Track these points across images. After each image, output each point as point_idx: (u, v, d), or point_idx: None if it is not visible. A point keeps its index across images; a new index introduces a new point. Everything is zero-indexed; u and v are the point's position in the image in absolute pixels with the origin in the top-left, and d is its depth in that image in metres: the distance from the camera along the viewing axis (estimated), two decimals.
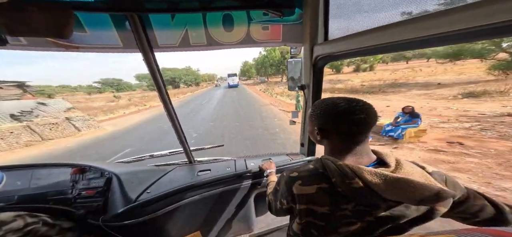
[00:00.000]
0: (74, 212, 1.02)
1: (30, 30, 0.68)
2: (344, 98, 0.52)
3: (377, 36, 0.62)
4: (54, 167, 1.18)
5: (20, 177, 1.10)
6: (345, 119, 0.49)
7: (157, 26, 0.88)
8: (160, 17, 0.86)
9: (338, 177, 0.46)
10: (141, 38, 0.85)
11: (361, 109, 0.48)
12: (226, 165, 1.34)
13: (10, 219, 0.80)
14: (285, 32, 1.02)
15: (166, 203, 1.10)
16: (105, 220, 1.01)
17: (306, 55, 1.02)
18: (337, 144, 0.53)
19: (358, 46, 0.70)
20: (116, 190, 1.08)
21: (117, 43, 0.87)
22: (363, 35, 0.67)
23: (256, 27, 0.98)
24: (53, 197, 1.04)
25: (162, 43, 0.92)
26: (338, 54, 0.82)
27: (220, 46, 0.99)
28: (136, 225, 1.04)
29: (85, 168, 1.16)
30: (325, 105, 0.53)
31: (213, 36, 0.95)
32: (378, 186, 0.42)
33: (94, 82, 57.43)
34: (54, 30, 0.69)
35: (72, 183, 1.10)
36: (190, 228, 1.24)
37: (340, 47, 0.80)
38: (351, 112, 0.48)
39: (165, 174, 1.27)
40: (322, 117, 0.53)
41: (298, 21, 1.00)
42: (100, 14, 0.79)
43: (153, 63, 0.94)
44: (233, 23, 0.94)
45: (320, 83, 1.07)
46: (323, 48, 0.90)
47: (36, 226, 0.86)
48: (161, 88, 1.03)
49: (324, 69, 1.06)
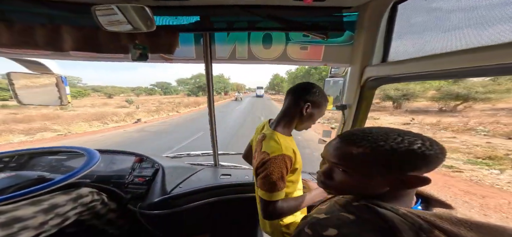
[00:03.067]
0: (123, 196, 1.15)
1: (156, 48, 0.90)
2: (375, 128, 0.42)
3: (448, 60, 0.60)
4: (125, 154, 1.39)
5: (104, 159, 1.30)
6: (411, 164, 0.38)
7: (217, 41, 1.04)
8: (220, 34, 1.03)
9: (409, 232, 0.33)
10: (207, 52, 1.03)
11: (427, 145, 0.37)
12: (245, 173, 1.38)
13: (85, 194, 0.96)
14: (328, 53, 1.07)
15: (190, 200, 1.18)
16: (141, 207, 1.12)
17: (354, 76, 1.03)
18: (396, 192, 0.40)
19: (426, 69, 0.67)
20: (158, 181, 1.20)
21: (193, 56, 1.08)
22: (431, 59, 0.66)
23: (294, 47, 1.05)
24: (114, 180, 1.21)
25: (218, 56, 1.07)
26: (398, 77, 0.81)
27: (258, 61, 1.09)
28: (163, 216, 1.13)
29: (143, 158, 1.33)
30: (378, 140, 0.40)
31: (254, 52, 1.07)
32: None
33: (151, 84, 62.67)
34: (166, 48, 0.92)
35: (131, 170, 1.27)
36: (200, 228, 1.30)
37: (402, 69, 0.78)
38: (422, 158, 0.37)
39: (194, 173, 1.38)
40: (389, 160, 0.40)
41: (346, 43, 1.03)
42: (188, 33, 1.00)
43: (210, 72, 1.10)
44: (272, 41, 1.04)
45: (368, 105, 1.06)
46: (378, 70, 0.91)
47: (96, 203, 1.01)
48: (211, 94, 1.19)
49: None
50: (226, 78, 69.20)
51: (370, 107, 1.08)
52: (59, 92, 1.17)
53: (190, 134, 7.63)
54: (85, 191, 0.97)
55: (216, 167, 1.51)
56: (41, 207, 0.78)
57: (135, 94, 50.25)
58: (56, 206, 0.82)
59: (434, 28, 0.71)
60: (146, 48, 0.88)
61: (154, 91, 57.90)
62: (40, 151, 1.19)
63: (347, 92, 1.12)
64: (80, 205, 0.92)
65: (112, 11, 0.69)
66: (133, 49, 0.86)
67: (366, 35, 0.94)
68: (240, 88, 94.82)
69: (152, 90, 58.51)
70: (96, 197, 1.01)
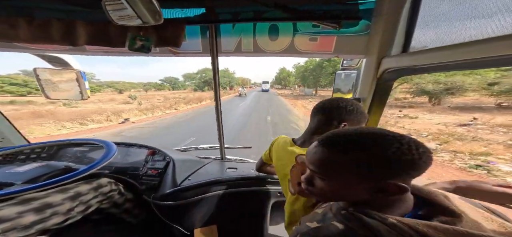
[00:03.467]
0: (138, 187, 1.22)
1: (164, 41, 0.91)
2: (395, 134, 0.37)
3: (481, 48, 0.53)
4: (139, 147, 1.46)
5: (121, 152, 1.38)
6: (402, 171, 0.35)
7: (223, 34, 1.03)
8: (225, 26, 1.01)
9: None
10: (213, 44, 1.02)
11: (416, 150, 0.34)
12: (251, 167, 1.39)
13: (105, 183, 1.03)
14: (340, 44, 1.00)
15: (198, 192, 1.21)
16: (154, 198, 1.17)
17: (369, 68, 0.97)
18: (392, 200, 0.38)
19: (455, 58, 0.59)
20: (169, 173, 1.25)
21: (199, 49, 1.07)
22: (461, 47, 0.58)
23: (302, 38, 1.00)
24: (130, 171, 1.27)
25: (224, 49, 1.06)
26: (422, 68, 0.74)
27: (264, 54, 1.06)
28: (174, 207, 1.17)
29: (155, 151, 1.39)
30: (372, 147, 0.36)
31: (259, 44, 1.04)
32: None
33: (160, 80, 61.92)
34: (172, 40, 0.92)
35: (144, 162, 1.33)
36: (209, 220, 1.32)
37: (427, 59, 0.70)
38: (411, 166, 0.34)
39: (202, 166, 1.41)
40: (377, 167, 0.37)
41: (361, 33, 0.96)
42: (195, 26, 0.99)
43: (216, 66, 1.09)
44: (278, 33, 1.00)
45: (384, 98, 1.00)
46: (398, 61, 0.84)
47: (114, 193, 1.08)
48: (217, 88, 1.19)
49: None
50: (231, 72, 67.59)
51: (386, 101, 1.01)
52: (80, 86, 1.24)
53: (175, 141, 6.21)
54: (104, 181, 1.03)
55: (223, 161, 1.53)
56: (67, 195, 0.85)
57: (144, 90, 50.59)
58: (80, 194, 0.90)
59: (464, 13, 0.64)
60: (150, 40, 0.88)
61: (163, 86, 57.80)
62: (66, 143, 1.29)
63: (361, 85, 1.05)
64: (101, 194, 0.99)
65: (121, 5, 0.71)
66: (131, 39, 0.85)
67: (385, 23, 0.87)
68: (246, 83, 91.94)
69: (161, 85, 58.43)
70: (113, 187, 1.07)
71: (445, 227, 0.31)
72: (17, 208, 0.72)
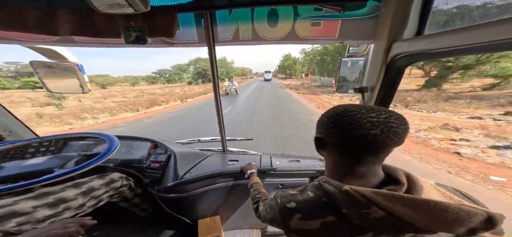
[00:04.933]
0: (143, 179, 1.24)
1: (155, 30, 0.87)
2: (365, 106, 0.41)
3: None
4: (141, 141, 1.47)
5: (124, 145, 1.40)
6: (346, 133, 0.40)
7: (219, 22, 0.96)
8: (221, 13, 0.94)
9: (350, 207, 0.37)
10: (209, 33, 0.96)
11: (376, 122, 0.37)
12: (252, 159, 1.38)
13: (116, 178, 1.05)
14: (345, 28, 0.92)
15: (200, 184, 1.22)
16: (158, 190, 1.19)
17: (377, 54, 0.89)
18: (337, 162, 0.45)
19: (479, 40, 0.52)
20: (171, 166, 1.26)
21: (195, 39, 1.01)
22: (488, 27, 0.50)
23: (303, 23, 0.93)
24: (135, 165, 1.29)
25: (221, 38, 1.00)
26: (439, 52, 0.66)
27: (263, 41, 0.99)
28: (177, 199, 1.19)
29: (157, 144, 1.39)
30: (333, 111, 0.44)
31: (258, 31, 0.97)
32: (405, 214, 0.34)
33: (153, 72, 55.93)
34: (164, 30, 0.87)
35: (148, 155, 1.34)
36: (212, 211, 1.34)
37: (446, 42, 0.62)
38: (357, 125, 0.38)
39: (204, 159, 1.41)
40: (324, 124, 0.45)
41: (368, 15, 0.88)
42: (188, 14, 0.93)
43: (214, 56, 1.04)
44: (278, 18, 0.92)
45: (394, 86, 0.93)
46: (410, 45, 0.76)
47: (125, 188, 1.10)
48: (215, 80, 1.15)
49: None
50: (229, 61, 57.70)
51: (396, 89, 0.94)
52: (79, 80, 1.23)
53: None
54: (116, 176, 1.06)
55: (225, 153, 1.52)
56: (81, 190, 0.87)
57: (131, 84, 46.31)
58: (93, 189, 0.92)
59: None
60: (143, 30, 0.84)
61: (157, 79, 52.00)
62: (71, 137, 1.31)
63: (369, 72, 0.98)
64: (112, 189, 1.02)
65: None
66: (126, 31, 0.81)
67: (396, 4, 0.78)
68: (246, 73, 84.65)
69: (154, 78, 52.80)
70: (125, 182, 1.10)
71: (385, 192, 0.36)
72: (33, 202, 0.74)
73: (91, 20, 0.80)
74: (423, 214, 0.33)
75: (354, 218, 0.37)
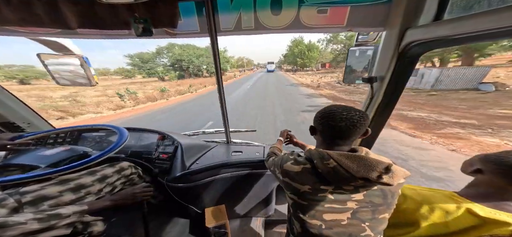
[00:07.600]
0: (153, 169, 1.28)
1: (158, 21, 0.85)
2: (343, 106, 0.62)
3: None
4: (150, 132, 1.51)
5: (133, 137, 1.44)
6: (326, 124, 0.63)
7: (221, 11, 0.93)
8: (223, 2, 0.90)
9: (318, 159, 0.59)
10: (211, 23, 0.93)
11: (344, 118, 0.59)
12: (256, 150, 1.41)
13: (126, 167, 1.10)
14: (354, 15, 0.87)
15: (206, 175, 1.25)
16: (167, 180, 1.24)
17: (389, 42, 0.85)
18: (322, 142, 0.68)
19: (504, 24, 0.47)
20: (178, 157, 1.29)
21: (196, 29, 0.98)
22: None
23: (309, 10, 0.88)
24: (145, 155, 1.33)
25: (223, 27, 0.97)
26: (459, 37, 0.61)
27: (266, 31, 0.95)
28: (184, 189, 1.23)
29: (164, 135, 1.42)
30: (323, 110, 0.66)
31: (260, 20, 0.93)
32: (346, 164, 0.54)
33: (127, 62, 34.51)
34: (167, 20, 0.85)
35: (156, 146, 1.37)
36: (218, 200, 1.38)
37: (469, 26, 0.57)
38: (332, 119, 0.61)
39: (209, 150, 1.45)
40: (316, 118, 0.68)
41: (383, 0, 0.82)
42: (189, 3, 0.90)
43: (216, 46, 1.02)
44: (282, 6, 0.88)
45: (405, 76, 0.89)
46: (427, 32, 0.71)
47: (134, 176, 1.15)
48: (218, 71, 1.13)
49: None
50: (222, 50, 37.77)
51: (407, 79, 0.91)
52: (86, 72, 1.25)
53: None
54: (125, 164, 1.10)
55: (229, 144, 1.55)
56: (96, 177, 0.93)
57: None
58: (106, 177, 0.97)
59: None
60: (148, 21, 0.82)
61: (131, 72, 37.98)
62: (85, 128, 1.36)
63: (379, 61, 0.94)
64: (123, 177, 1.07)
65: None
66: (134, 23, 0.81)
67: None
68: (246, 65, 77.15)
69: (130, 71, 37.90)
70: (133, 170, 1.15)
71: (339, 152, 0.59)
72: (58, 187, 0.80)
73: (94, 11, 0.80)
74: (355, 164, 0.54)
75: (319, 166, 0.58)
